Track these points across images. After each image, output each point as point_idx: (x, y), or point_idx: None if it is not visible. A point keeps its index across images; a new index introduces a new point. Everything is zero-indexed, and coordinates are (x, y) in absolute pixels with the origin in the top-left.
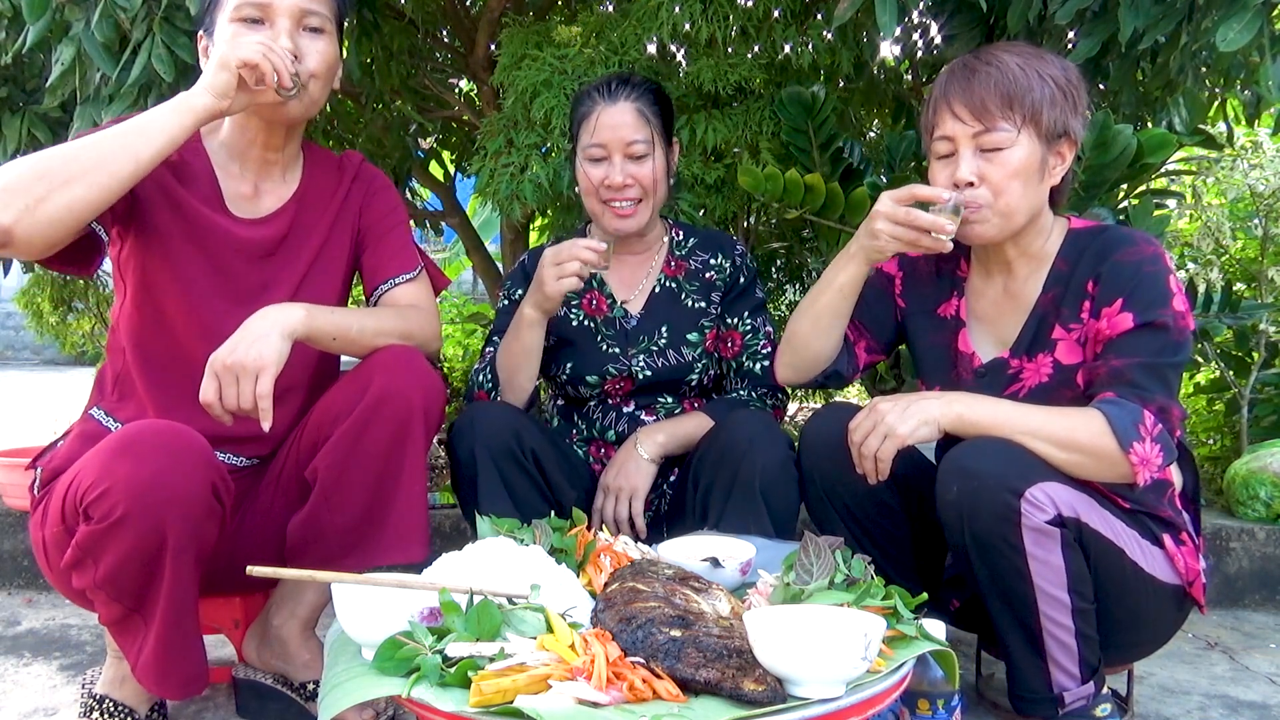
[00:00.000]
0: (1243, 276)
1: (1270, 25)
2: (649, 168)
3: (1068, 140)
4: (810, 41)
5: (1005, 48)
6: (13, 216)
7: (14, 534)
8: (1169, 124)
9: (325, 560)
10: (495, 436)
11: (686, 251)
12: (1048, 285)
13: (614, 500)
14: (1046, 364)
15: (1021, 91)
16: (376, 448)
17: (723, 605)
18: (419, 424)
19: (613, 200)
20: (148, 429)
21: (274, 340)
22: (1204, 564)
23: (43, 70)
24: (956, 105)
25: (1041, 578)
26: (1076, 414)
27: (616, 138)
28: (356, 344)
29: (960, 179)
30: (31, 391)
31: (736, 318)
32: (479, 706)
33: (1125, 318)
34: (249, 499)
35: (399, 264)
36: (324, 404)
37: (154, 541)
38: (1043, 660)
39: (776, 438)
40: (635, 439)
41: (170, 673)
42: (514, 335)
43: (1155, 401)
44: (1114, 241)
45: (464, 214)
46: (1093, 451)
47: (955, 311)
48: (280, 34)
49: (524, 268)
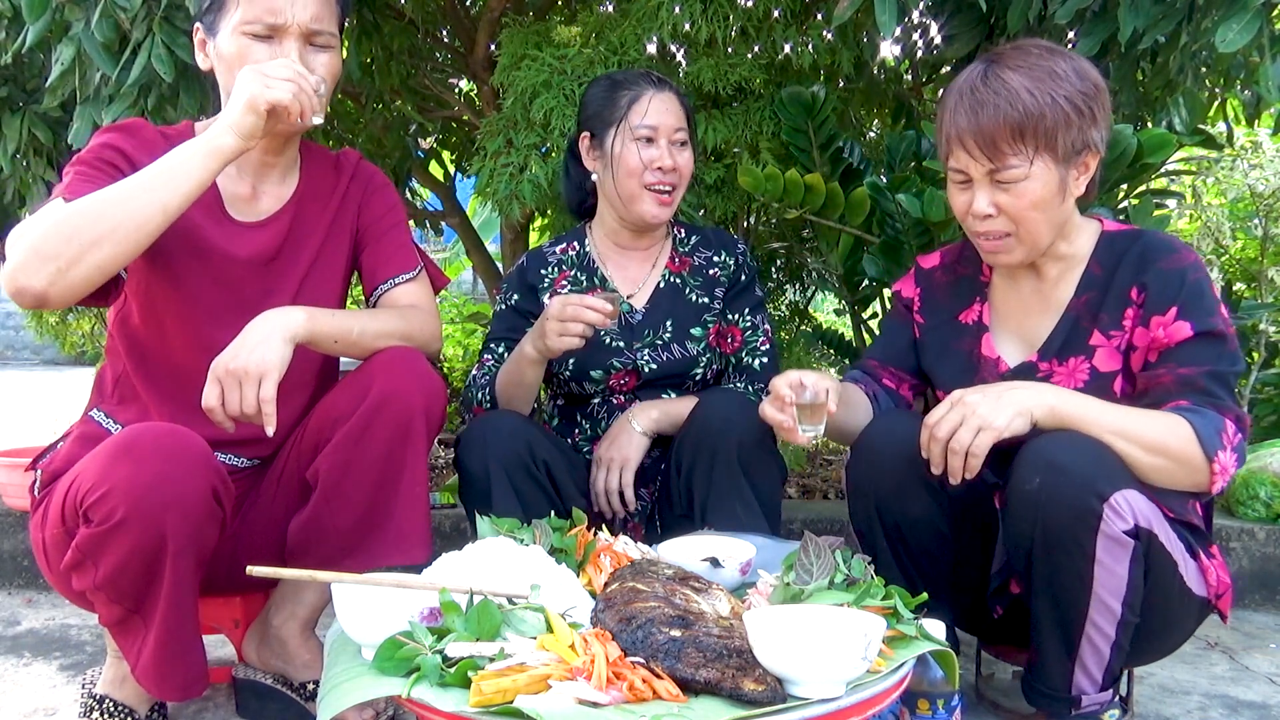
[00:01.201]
0: (1243, 276)
1: (1270, 25)
2: (688, 158)
3: (1089, 152)
4: (810, 41)
5: (1014, 62)
6: (46, 281)
7: (14, 534)
8: (1169, 124)
9: (326, 561)
10: (508, 448)
11: (690, 248)
12: (1081, 288)
13: (605, 471)
14: (1082, 370)
15: (1033, 122)
16: (377, 449)
17: (723, 605)
18: (420, 425)
19: (658, 184)
20: (148, 431)
21: (276, 344)
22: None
23: (43, 70)
24: (966, 140)
25: (1102, 585)
26: (1163, 418)
27: (667, 123)
28: (357, 346)
29: (977, 212)
30: (31, 391)
31: (737, 314)
32: (479, 706)
33: (1182, 326)
34: (250, 499)
35: (398, 264)
36: (325, 406)
37: (154, 544)
38: (1071, 661)
39: (752, 412)
40: (629, 413)
41: (170, 674)
42: (515, 367)
43: (1233, 410)
44: (1154, 248)
45: (464, 214)
46: (1179, 457)
47: (978, 317)
48: (290, 52)
49: (521, 271)
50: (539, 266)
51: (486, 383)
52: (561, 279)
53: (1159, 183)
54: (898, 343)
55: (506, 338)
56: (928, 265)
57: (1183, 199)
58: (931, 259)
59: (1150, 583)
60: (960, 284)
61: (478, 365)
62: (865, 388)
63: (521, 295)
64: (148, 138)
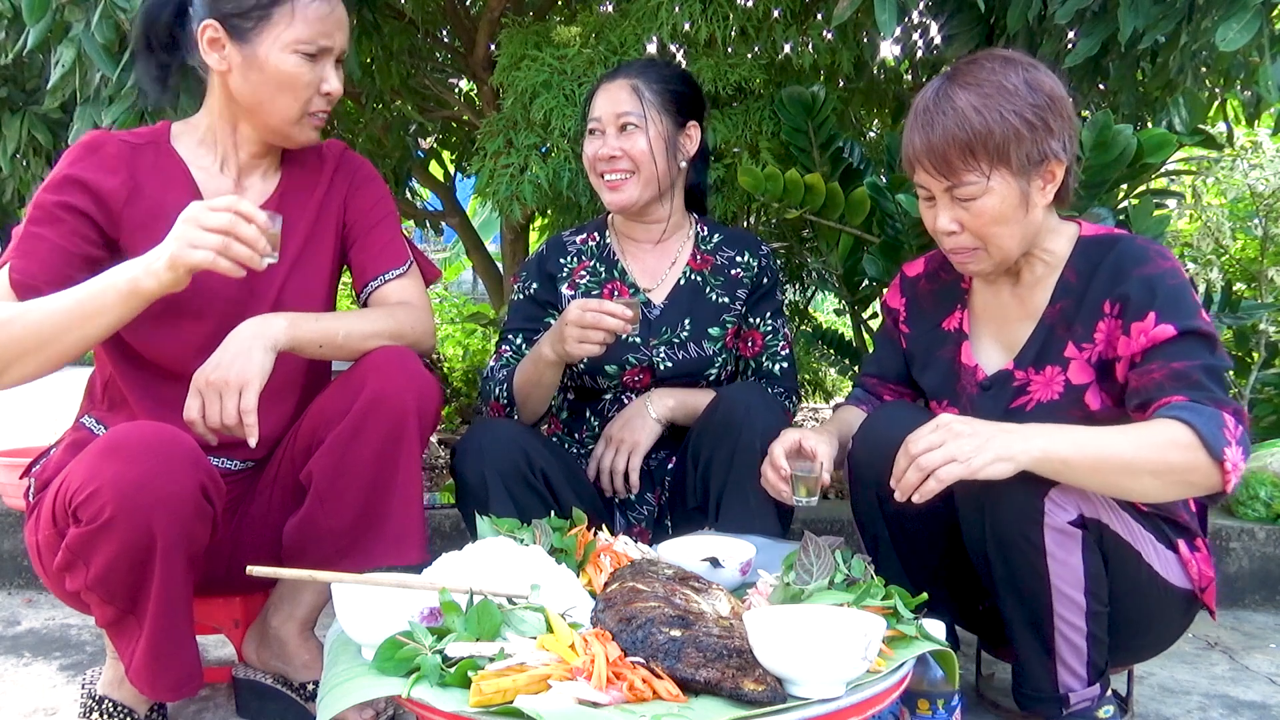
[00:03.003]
0: (1243, 276)
1: (1270, 25)
2: (639, 141)
3: (1052, 162)
4: (810, 41)
5: (965, 79)
6: None
7: (14, 534)
8: (1169, 124)
9: (322, 563)
10: (505, 458)
11: (712, 247)
12: (1056, 295)
13: (614, 451)
14: (1058, 381)
15: (981, 139)
16: (370, 451)
17: (723, 605)
18: (413, 426)
19: (605, 173)
20: (135, 431)
21: (256, 355)
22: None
23: (43, 71)
24: (922, 159)
25: (1059, 578)
26: (1161, 431)
27: (609, 111)
28: (344, 349)
29: (940, 229)
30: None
31: (759, 318)
32: (479, 706)
33: (1165, 328)
34: (246, 500)
35: (388, 259)
36: (317, 407)
37: (143, 542)
38: (1051, 659)
39: (773, 405)
40: (647, 398)
41: (161, 674)
42: (533, 369)
43: (1229, 404)
44: (1129, 256)
45: (464, 214)
46: (1188, 468)
47: (959, 324)
48: (326, 70)
49: (540, 259)
50: (558, 256)
51: (504, 378)
52: (580, 269)
53: (1159, 183)
54: (893, 357)
55: (525, 328)
56: (912, 274)
57: (1183, 199)
58: (916, 266)
59: (1112, 572)
60: (942, 291)
61: (495, 356)
62: (868, 409)
63: (540, 284)
64: (111, 153)
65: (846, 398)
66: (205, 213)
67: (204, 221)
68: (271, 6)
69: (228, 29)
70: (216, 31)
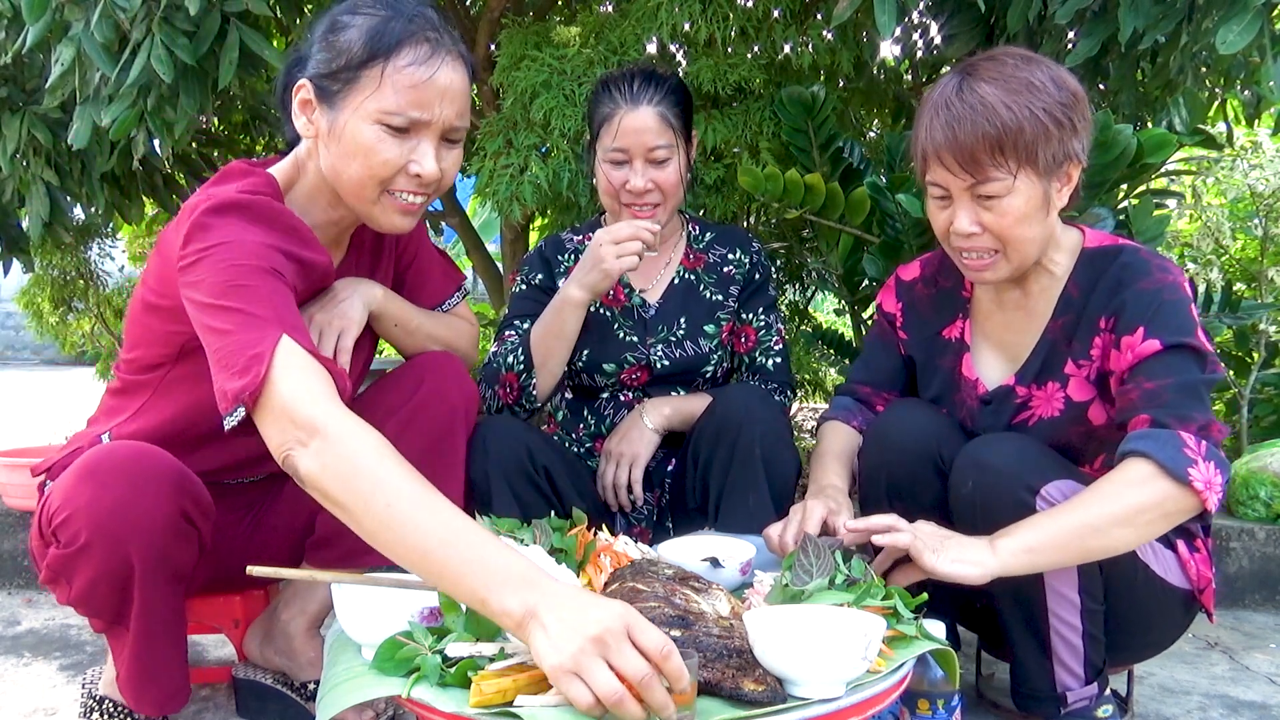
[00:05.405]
0: (1243, 276)
1: (1270, 25)
2: (671, 171)
3: (1071, 163)
4: (810, 41)
5: (989, 73)
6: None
7: (14, 534)
8: (1169, 124)
9: (350, 554)
10: (508, 454)
11: (705, 245)
12: (1058, 310)
13: (614, 466)
14: (1058, 398)
15: (1012, 136)
16: (419, 444)
17: (723, 605)
18: (461, 426)
19: (633, 205)
20: (115, 452)
21: (357, 304)
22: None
23: (43, 70)
24: (944, 156)
25: (1053, 576)
26: (1112, 477)
27: (639, 143)
28: (412, 337)
29: (959, 230)
30: (31, 391)
31: (751, 314)
32: (479, 706)
33: (1152, 343)
34: (271, 497)
35: (446, 287)
36: (370, 399)
37: (119, 567)
38: (1048, 659)
39: (772, 405)
40: (641, 409)
41: (144, 691)
42: (555, 318)
43: (1194, 421)
44: (1129, 270)
45: (464, 214)
46: (1156, 501)
47: (960, 334)
48: (423, 149)
49: (542, 254)
50: (557, 252)
51: (516, 344)
52: (576, 267)
53: (1159, 183)
54: (886, 364)
55: (531, 314)
56: (908, 278)
57: (1183, 199)
58: (911, 270)
59: (1107, 571)
60: (942, 298)
61: (498, 341)
62: (859, 421)
63: (544, 274)
64: (263, 210)
65: (831, 407)
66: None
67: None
68: (361, 69)
69: (318, 91)
70: (308, 93)
